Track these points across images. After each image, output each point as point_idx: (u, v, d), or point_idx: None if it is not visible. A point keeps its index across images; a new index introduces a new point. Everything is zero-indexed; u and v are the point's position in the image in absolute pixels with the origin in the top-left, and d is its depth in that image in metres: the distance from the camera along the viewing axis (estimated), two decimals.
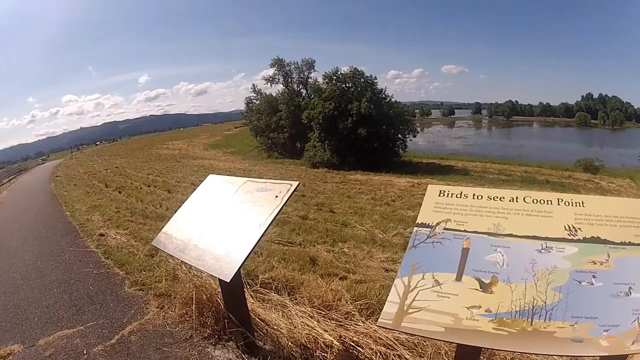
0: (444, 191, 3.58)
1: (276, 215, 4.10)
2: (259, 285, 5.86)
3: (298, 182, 4.40)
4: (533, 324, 2.66)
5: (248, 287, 5.64)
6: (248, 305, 4.76)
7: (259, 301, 5.43)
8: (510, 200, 3.34)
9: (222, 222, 4.50)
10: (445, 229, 3.26)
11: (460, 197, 3.47)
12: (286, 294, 5.68)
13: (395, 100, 66.12)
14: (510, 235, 3.09)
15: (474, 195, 3.46)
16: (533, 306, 2.72)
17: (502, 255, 2.98)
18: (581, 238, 2.97)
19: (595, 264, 2.82)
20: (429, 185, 3.69)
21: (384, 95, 61.33)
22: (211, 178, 5.41)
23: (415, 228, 3.35)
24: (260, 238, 3.95)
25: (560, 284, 2.78)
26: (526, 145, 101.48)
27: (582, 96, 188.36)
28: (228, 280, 3.82)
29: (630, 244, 2.90)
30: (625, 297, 2.69)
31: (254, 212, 4.25)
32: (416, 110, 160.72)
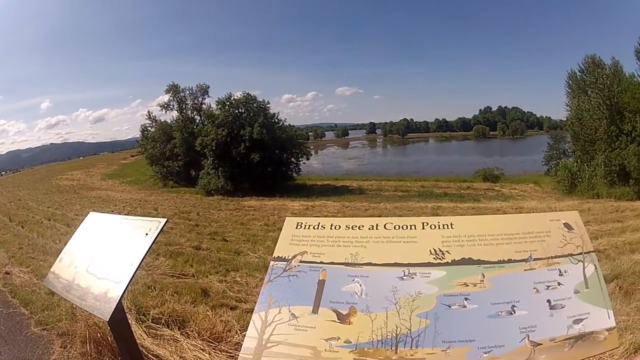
0: (301, 223, 3.47)
1: (146, 253, 4.05)
2: (150, 320, 5.86)
3: (166, 220, 4.40)
4: (398, 352, 2.63)
5: (140, 323, 5.66)
6: (141, 341, 4.85)
7: (151, 337, 5.45)
8: (369, 228, 3.27)
9: (100, 261, 4.48)
10: (301, 261, 3.18)
11: (318, 228, 3.38)
12: (177, 328, 5.69)
13: (289, 124, 66.67)
14: (369, 264, 3.04)
15: (331, 225, 3.36)
16: (397, 334, 2.68)
17: (360, 285, 2.93)
18: (449, 261, 2.98)
19: (468, 285, 2.85)
20: (286, 218, 3.62)
21: (276, 120, 61.77)
22: (92, 216, 5.33)
23: (272, 262, 3.27)
24: (133, 276, 3.98)
25: (427, 309, 2.75)
26: (422, 160, 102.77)
27: (480, 110, 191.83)
28: (107, 319, 3.93)
29: (510, 261, 2.97)
30: (509, 316, 2.73)
31: (127, 250, 4.23)
32: (310, 133, 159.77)
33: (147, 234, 4.22)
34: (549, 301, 2.86)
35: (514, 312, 2.75)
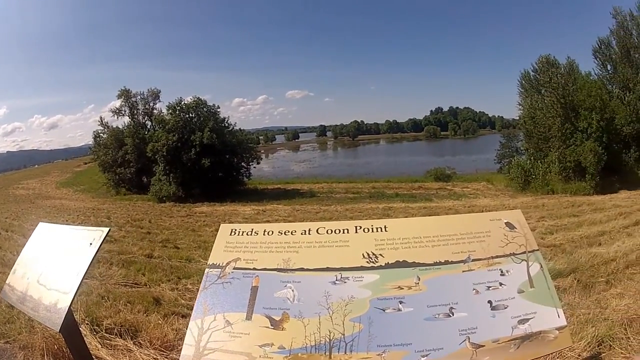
0: (235, 230, 3.49)
1: (91, 263, 4.06)
2: (104, 331, 5.71)
3: (109, 229, 4.30)
4: (332, 357, 2.65)
5: (95, 333, 5.55)
6: (96, 352, 4.75)
7: (105, 347, 5.29)
8: (302, 233, 3.28)
9: (49, 271, 4.39)
10: (234, 268, 3.19)
11: (251, 234, 3.39)
12: (129, 337, 5.56)
13: (240, 128, 67.66)
14: (301, 269, 3.05)
15: (264, 231, 3.39)
16: (330, 339, 2.69)
17: (293, 291, 2.94)
18: (383, 264, 2.96)
19: (403, 288, 2.82)
20: (221, 224, 3.62)
21: (226, 124, 62.29)
22: (41, 226, 5.18)
23: (207, 269, 3.27)
24: (80, 286, 3.86)
25: (360, 313, 2.76)
26: (373, 162, 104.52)
27: (431, 110, 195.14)
28: (57, 330, 3.86)
29: (447, 262, 2.97)
30: (447, 318, 2.74)
31: (74, 260, 4.15)
32: (260, 137, 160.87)
33: (91, 244, 4.16)
34: (490, 302, 2.84)
35: (453, 314, 2.74)
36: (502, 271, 3.00)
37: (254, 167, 65.67)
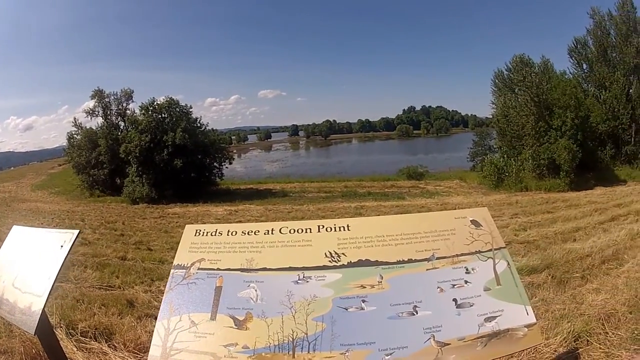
0: (200, 230, 3.49)
1: (62, 265, 4.05)
2: (79, 334, 5.67)
3: (79, 231, 4.35)
4: (295, 356, 2.65)
5: (71, 337, 5.51)
6: (71, 355, 4.79)
7: (80, 350, 5.25)
8: (265, 233, 3.29)
9: (23, 274, 4.37)
10: (199, 268, 3.18)
11: (215, 234, 3.39)
12: (104, 340, 5.55)
13: (212, 128, 67.29)
14: (264, 269, 3.06)
15: (228, 231, 3.39)
16: (293, 338, 2.70)
17: (256, 291, 2.95)
18: (345, 263, 2.96)
19: (365, 287, 2.83)
20: (186, 225, 3.64)
21: (199, 124, 62.09)
22: (15, 229, 5.16)
23: (172, 270, 3.28)
24: (52, 289, 3.83)
25: (323, 313, 2.78)
26: (345, 161, 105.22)
27: (404, 109, 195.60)
28: (33, 333, 3.85)
29: (410, 261, 2.96)
30: (411, 316, 2.75)
31: (46, 263, 4.13)
32: (233, 137, 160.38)
33: (62, 246, 4.19)
34: (455, 300, 2.85)
35: (417, 313, 2.75)
36: (467, 269, 3.01)
37: (226, 168, 65.74)
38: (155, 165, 55.12)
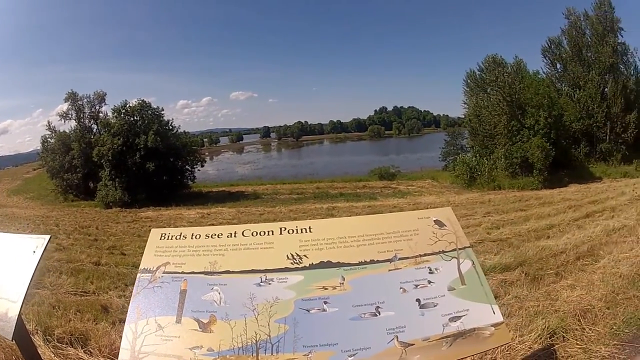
0: (165, 234, 3.45)
1: (35, 270, 4.03)
2: (56, 340, 5.57)
3: (50, 236, 4.25)
4: (259, 358, 2.65)
5: (48, 343, 5.45)
6: None
7: (58, 357, 5.21)
8: (228, 236, 3.29)
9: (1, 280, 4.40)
10: (164, 272, 3.15)
11: (180, 238, 3.36)
12: (80, 346, 5.46)
13: (184, 131, 67.05)
14: (227, 272, 3.05)
15: (192, 235, 3.36)
16: (257, 341, 2.70)
17: (219, 294, 2.94)
18: (307, 265, 2.97)
19: (327, 289, 2.84)
20: (152, 229, 3.59)
21: (170, 127, 61.87)
22: None
23: (138, 274, 3.22)
24: (27, 294, 3.84)
25: (285, 315, 2.78)
26: (317, 162, 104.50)
27: (376, 110, 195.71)
28: (10, 339, 3.81)
29: (372, 262, 2.97)
30: (373, 317, 2.75)
31: (20, 268, 4.13)
32: (205, 139, 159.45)
33: (34, 252, 4.11)
34: (418, 300, 2.85)
35: (379, 314, 2.75)
36: (430, 269, 3.02)
37: (198, 170, 65.68)
38: (127, 169, 54.88)
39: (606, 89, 53.47)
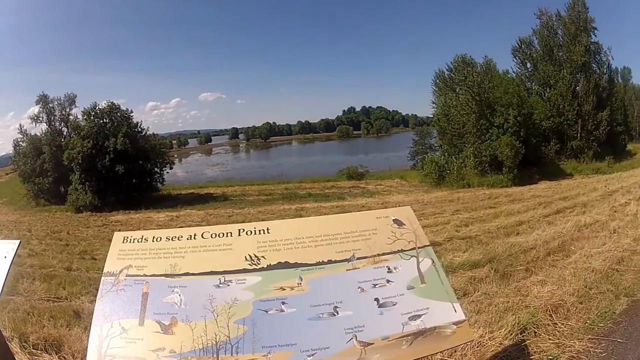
0: (127, 237, 3.41)
1: (7, 275, 4.03)
2: (31, 346, 5.71)
3: (20, 241, 4.11)
4: (220, 359, 2.66)
5: (24, 349, 5.59)
6: None
7: None
8: (188, 239, 3.28)
9: None
10: (127, 275, 3.12)
11: (141, 241, 3.33)
12: (54, 352, 5.62)
13: (153, 133, 66.77)
14: (187, 274, 3.05)
15: (153, 237, 3.34)
16: (217, 342, 2.70)
17: (180, 296, 2.94)
18: (265, 266, 3.00)
19: (285, 289, 2.87)
20: (115, 232, 3.53)
21: (139, 129, 61.50)
22: None
23: (102, 278, 3.20)
24: None
25: (244, 316, 2.79)
26: (286, 163, 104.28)
27: (344, 110, 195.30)
28: None
29: (330, 262, 3.00)
30: (331, 317, 2.77)
31: None
32: (173, 141, 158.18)
33: (5, 257, 4.06)
34: (377, 299, 2.87)
35: (337, 313, 2.77)
36: (389, 268, 3.04)
37: (167, 173, 65.49)
38: (97, 172, 54.57)
39: (577, 88, 54.49)
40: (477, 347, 4.74)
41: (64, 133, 63.68)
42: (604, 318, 5.55)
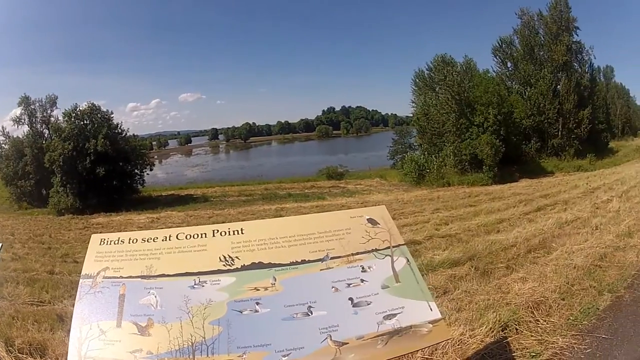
0: (104, 239, 3.45)
1: None
2: (17, 351, 5.77)
3: (1, 244, 4.32)
4: None
5: (10, 353, 5.64)
6: None
7: None
8: (163, 240, 3.30)
9: None
10: (104, 277, 3.14)
11: (118, 243, 3.36)
12: (39, 356, 5.68)
13: (133, 134, 66.27)
14: (162, 275, 3.07)
15: (129, 239, 3.36)
16: (192, 343, 2.71)
17: (156, 297, 2.96)
18: (239, 266, 3.02)
19: (259, 290, 2.89)
20: (92, 235, 3.58)
21: (119, 131, 61.02)
22: None
23: (80, 280, 3.23)
24: None
25: (219, 316, 2.81)
26: (266, 163, 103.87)
27: (323, 110, 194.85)
28: None
29: (304, 262, 3.02)
30: (305, 317, 2.79)
31: None
32: (154, 142, 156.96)
33: None
34: (351, 299, 2.89)
35: (311, 313, 2.78)
36: (363, 267, 3.06)
37: (147, 174, 64.95)
38: (78, 175, 54.07)
39: (558, 87, 55.01)
40: (458, 345, 4.76)
41: (45, 135, 62.90)
42: (588, 314, 5.59)
